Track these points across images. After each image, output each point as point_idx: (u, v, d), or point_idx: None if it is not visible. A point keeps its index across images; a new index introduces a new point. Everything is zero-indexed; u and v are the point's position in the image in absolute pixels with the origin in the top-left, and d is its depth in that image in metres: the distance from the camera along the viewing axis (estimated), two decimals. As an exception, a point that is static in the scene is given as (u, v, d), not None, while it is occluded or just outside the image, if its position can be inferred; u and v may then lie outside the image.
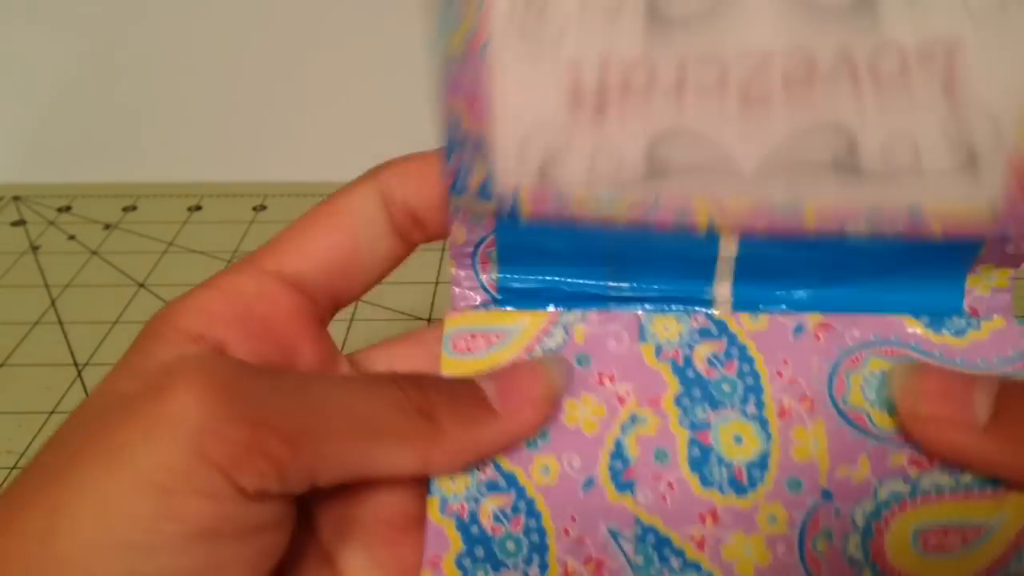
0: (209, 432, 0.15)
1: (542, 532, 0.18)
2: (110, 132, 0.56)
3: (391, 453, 0.18)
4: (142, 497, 0.15)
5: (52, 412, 0.38)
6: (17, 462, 0.35)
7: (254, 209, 0.53)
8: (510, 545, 0.18)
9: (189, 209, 0.54)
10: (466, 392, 0.19)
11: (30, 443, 0.36)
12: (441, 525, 0.18)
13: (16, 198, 0.56)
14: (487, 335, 0.20)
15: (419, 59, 0.59)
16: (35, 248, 0.50)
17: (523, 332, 0.20)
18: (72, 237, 0.51)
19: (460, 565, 0.18)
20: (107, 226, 0.52)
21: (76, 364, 0.41)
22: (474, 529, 0.18)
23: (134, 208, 0.54)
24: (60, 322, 0.44)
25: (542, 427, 0.19)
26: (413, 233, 0.21)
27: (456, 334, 0.21)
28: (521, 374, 0.19)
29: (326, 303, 0.21)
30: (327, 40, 0.52)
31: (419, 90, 0.60)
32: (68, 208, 0.54)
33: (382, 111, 0.54)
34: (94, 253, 0.50)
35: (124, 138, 0.56)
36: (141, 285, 0.46)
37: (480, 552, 0.18)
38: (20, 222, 0.53)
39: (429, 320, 0.42)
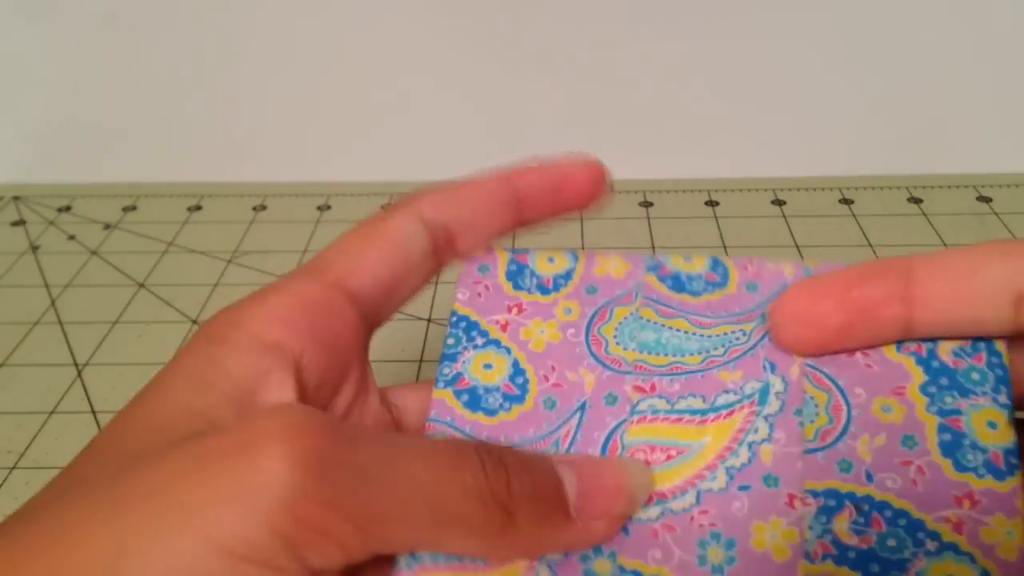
0: (289, 509, 0.15)
1: None
2: (110, 132, 0.56)
3: (459, 541, 0.17)
4: (210, 560, 0.14)
5: (52, 412, 0.38)
6: (17, 462, 0.35)
7: (254, 209, 0.53)
8: None
9: (189, 209, 0.54)
10: (548, 487, 0.18)
11: (30, 443, 0.36)
12: None
13: (16, 198, 0.56)
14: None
15: (417, 60, 0.59)
16: (35, 248, 0.50)
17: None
18: (72, 237, 0.51)
19: None
20: (107, 226, 0.52)
21: (76, 364, 0.41)
22: None
23: (134, 208, 0.54)
24: (60, 322, 0.44)
25: (609, 539, 0.18)
26: (446, 253, 0.22)
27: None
28: (606, 482, 0.18)
29: (373, 321, 0.21)
30: (327, 41, 0.52)
31: (418, 90, 0.61)
32: (68, 208, 0.54)
33: (381, 112, 0.54)
34: (94, 253, 0.50)
35: (124, 138, 0.56)
36: (141, 285, 0.46)
37: None
38: (20, 222, 0.53)
39: (429, 320, 0.42)
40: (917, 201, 0.51)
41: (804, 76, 0.51)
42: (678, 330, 0.22)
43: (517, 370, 0.21)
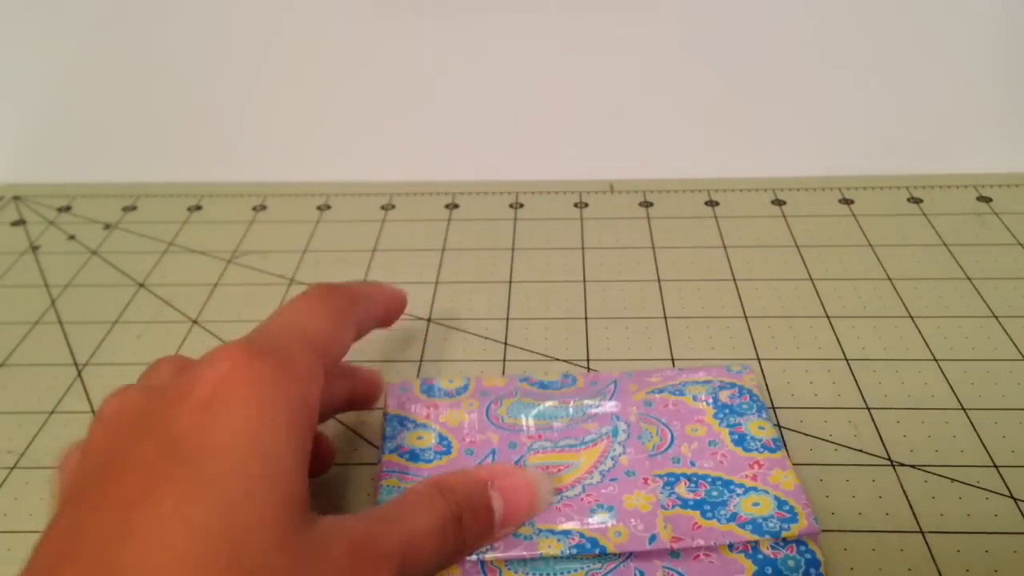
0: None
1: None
2: (110, 132, 0.56)
3: (433, 571, 0.25)
4: None
5: (52, 412, 0.38)
6: (17, 462, 0.35)
7: (254, 209, 0.53)
8: None
9: (189, 209, 0.54)
10: (485, 518, 0.26)
11: (30, 443, 0.36)
12: None
13: (16, 198, 0.56)
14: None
15: (416, 60, 0.59)
16: (35, 248, 0.50)
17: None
18: (72, 237, 0.51)
19: None
20: (107, 226, 0.52)
21: (76, 364, 0.41)
22: None
23: (134, 208, 0.54)
24: (60, 322, 0.44)
25: None
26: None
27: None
28: (521, 501, 0.27)
29: None
30: (326, 41, 0.52)
31: (416, 90, 0.61)
32: (68, 208, 0.54)
33: (380, 112, 0.54)
34: (94, 253, 0.50)
35: (124, 138, 0.56)
36: (141, 285, 0.46)
37: None
38: (20, 222, 0.53)
39: (429, 320, 0.42)
40: (917, 201, 0.51)
41: (804, 76, 0.51)
42: (550, 404, 0.33)
43: (441, 438, 0.32)
